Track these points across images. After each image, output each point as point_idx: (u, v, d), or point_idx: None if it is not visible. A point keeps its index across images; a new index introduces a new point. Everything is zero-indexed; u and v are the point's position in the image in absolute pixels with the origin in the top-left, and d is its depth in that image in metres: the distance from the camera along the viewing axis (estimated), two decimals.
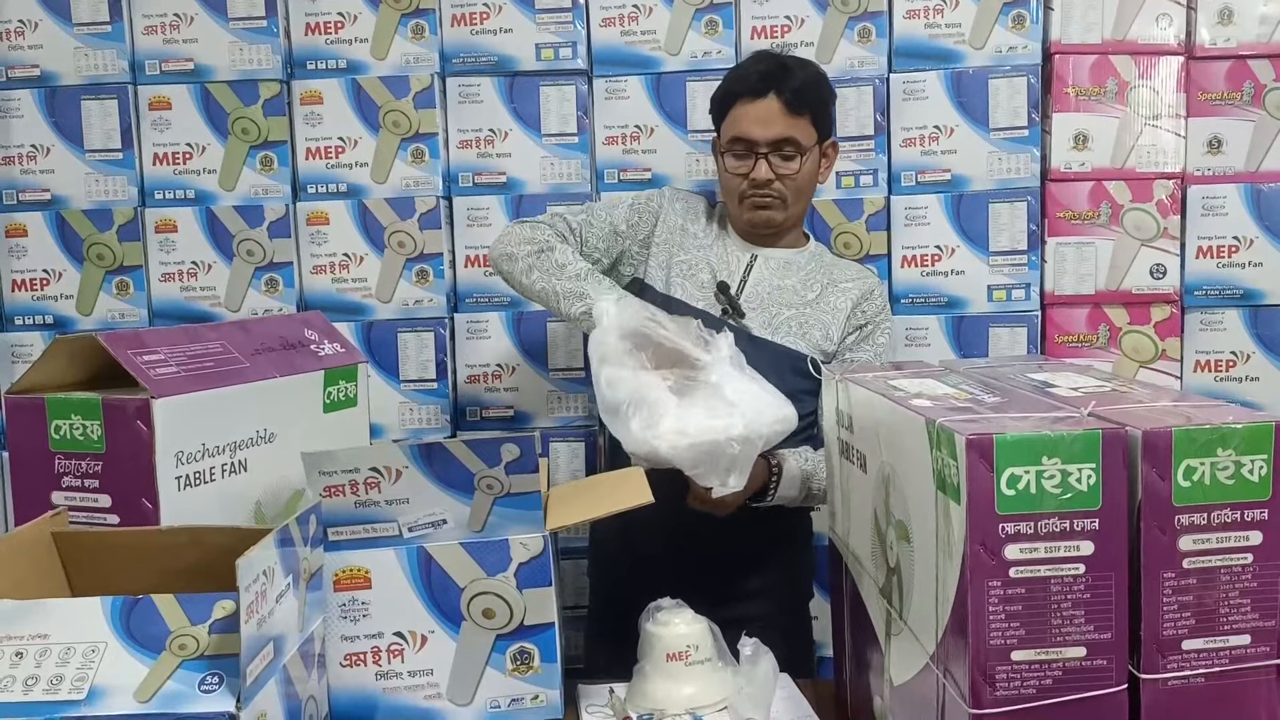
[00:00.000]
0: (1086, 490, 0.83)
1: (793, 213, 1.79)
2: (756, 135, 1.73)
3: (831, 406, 1.33)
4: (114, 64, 2.22)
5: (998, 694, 0.85)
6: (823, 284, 1.81)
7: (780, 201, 1.76)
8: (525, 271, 1.70)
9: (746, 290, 1.78)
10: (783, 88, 1.72)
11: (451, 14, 2.21)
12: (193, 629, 0.88)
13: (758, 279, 1.79)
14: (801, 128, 1.74)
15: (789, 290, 1.79)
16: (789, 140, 1.73)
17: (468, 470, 1.20)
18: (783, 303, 1.78)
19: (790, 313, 1.77)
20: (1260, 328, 2.18)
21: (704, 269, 1.79)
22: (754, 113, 1.73)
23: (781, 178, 1.74)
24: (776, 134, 1.72)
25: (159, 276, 2.24)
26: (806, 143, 1.74)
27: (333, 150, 2.22)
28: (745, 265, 1.80)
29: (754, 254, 1.81)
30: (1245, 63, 2.16)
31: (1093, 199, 2.17)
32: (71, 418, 1.19)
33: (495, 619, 1.21)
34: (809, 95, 1.74)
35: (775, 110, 1.72)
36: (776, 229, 1.81)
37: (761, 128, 1.72)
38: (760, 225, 1.79)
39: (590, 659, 1.88)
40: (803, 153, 1.74)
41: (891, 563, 1.07)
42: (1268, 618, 0.86)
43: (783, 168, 1.74)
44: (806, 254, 1.85)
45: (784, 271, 1.80)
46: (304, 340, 1.48)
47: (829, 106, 1.82)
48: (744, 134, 1.74)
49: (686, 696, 1.28)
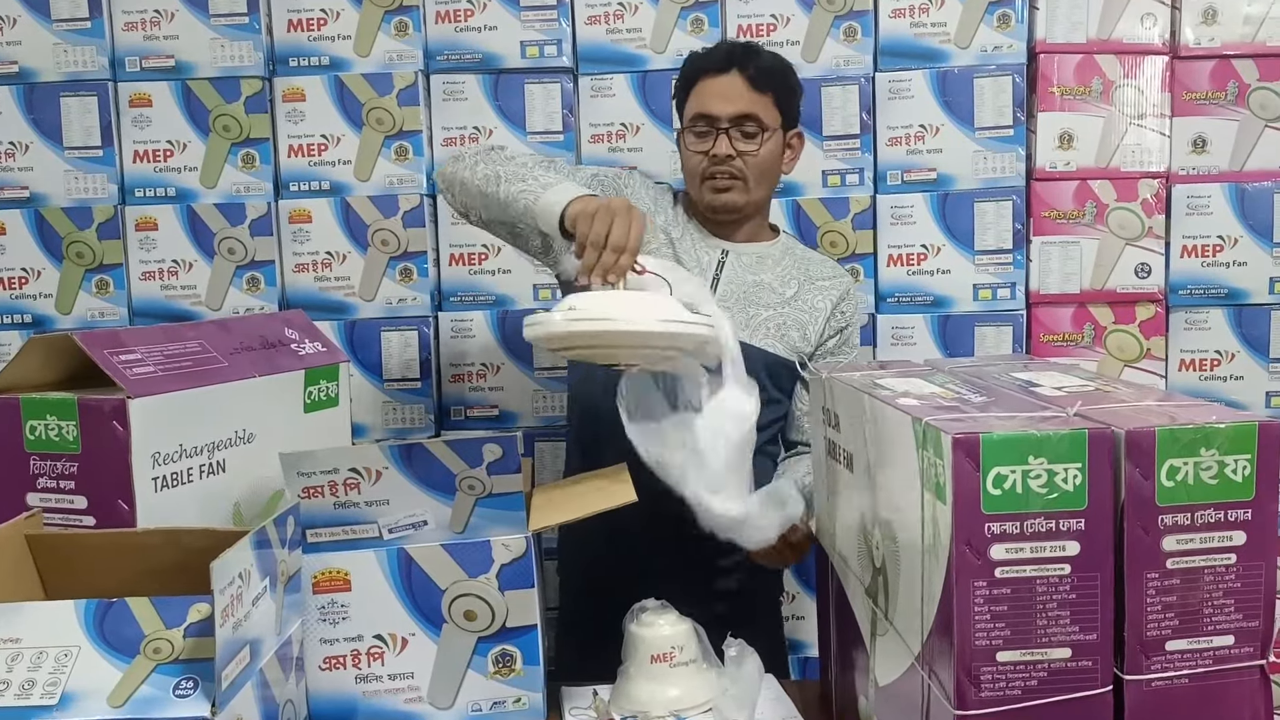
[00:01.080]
0: (1072, 490, 0.82)
1: (754, 198, 1.73)
2: (718, 110, 1.68)
3: (818, 405, 1.32)
4: (94, 60, 2.20)
5: (983, 695, 0.84)
6: (799, 281, 1.76)
7: (741, 182, 1.70)
8: (471, 166, 1.63)
9: (720, 288, 1.72)
10: (747, 64, 1.69)
11: (436, 11, 2.20)
12: (167, 632, 0.87)
13: (731, 276, 1.73)
14: (764, 106, 1.69)
15: (765, 287, 1.74)
16: (751, 116, 1.68)
17: (449, 471, 1.19)
18: (760, 302, 1.73)
19: (768, 313, 1.72)
20: (1244, 327, 2.18)
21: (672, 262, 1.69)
22: (716, 88, 1.69)
23: (742, 154, 1.68)
24: (739, 109, 1.68)
25: (139, 275, 2.22)
26: (769, 122, 1.69)
27: (315, 148, 2.21)
28: (717, 262, 1.74)
29: (725, 249, 1.75)
30: (1229, 62, 2.16)
31: (1078, 198, 2.18)
32: (47, 418, 1.18)
33: (477, 621, 1.20)
34: (775, 77, 1.71)
35: (738, 85, 1.68)
36: (738, 214, 1.74)
37: (723, 102, 1.68)
38: (721, 210, 1.73)
39: (560, 659, 1.86)
40: (765, 130, 1.69)
41: (877, 562, 1.06)
42: (1251, 618, 0.86)
43: (744, 145, 1.68)
44: (779, 247, 1.80)
45: (758, 267, 1.75)
46: (285, 339, 1.46)
47: (795, 95, 1.77)
48: (705, 110, 1.69)
49: (671, 698, 1.27)
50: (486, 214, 1.64)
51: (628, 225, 1.40)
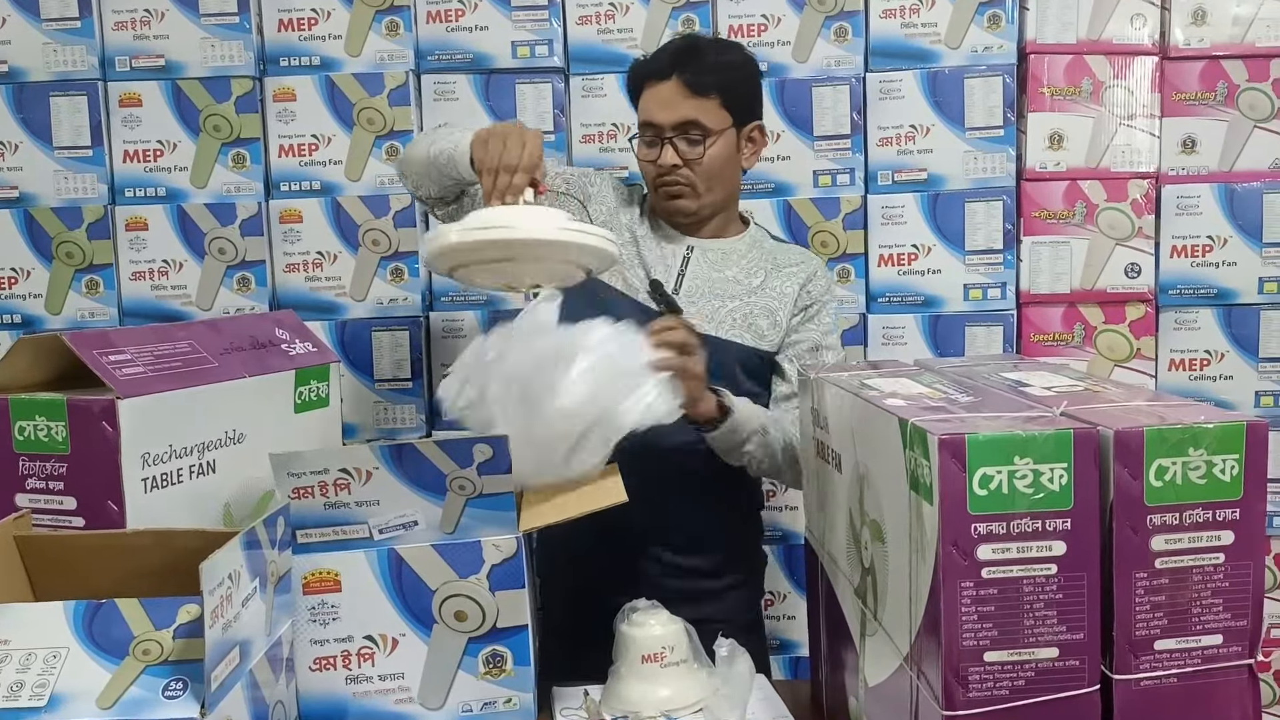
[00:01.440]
0: (1058, 490, 0.83)
1: (708, 200, 1.70)
2: (660, 119, 1.66)
3: (807, 406, 1.32)
4: (84, 60, 2.19)
5: (970, 695, 0.84)
6: (766, 270, 1.73)
7: (690, 189, 1.68)
8: (414, 143, 1.64)
9: (685, 284, 1.70)
10: (686, 68, 1.65)
11: (427, 11, 2.20)
12: (157, 634, 0.87)
13: (695, 272, 1.71)
14: (707, 110, 1.65)
15: (730, 281, 1.71)
16: (693, 123, 1.64)
17: (439, 471, 1.19)
18: (725, 295, 1.69)
19: (733, 305, 1.69)
20: (1234, 327, 2.19)
21: (638, 264, 1.71)
22: (658, 95, 1.66)
23: (688, 163, 1.66)
24: (679, 117, 1.64)
25: (129, 275, 2.22)
26: (714, 125, 1.66)
27: (306, 148, 2.21)
28: (682, 259, 1.72)
29: (690, 245, 1.73)
30: (1219, 63, 2.17)
31: (1068, 198, 2.18)
32: (36, 419, 1.17)
33: (467, 621, 1.20)
34: (719, 76, 1.66)
35: (679, 92, 1.64)
36: (694, 217, 1.72)
37: (664, 111, 1.65)
38: (675, 214, 1.72)
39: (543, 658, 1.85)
40: (709, 135, 1.65)
41: (866, 563, 1.07)
42: (1239, 618, 0.86)
43: (688, 152, 1.65)
44: (746, 240, 1.77)
45: (723, 262, 1.73)
46: (275, 339, 1.46)
47: (747, 89, 1.72)
48: (649, 118, 1.67)
49: (662, 698, 1.27)
50: (427, 182, 1.65)
51: (521, 144, 1.42)
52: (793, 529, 2.22)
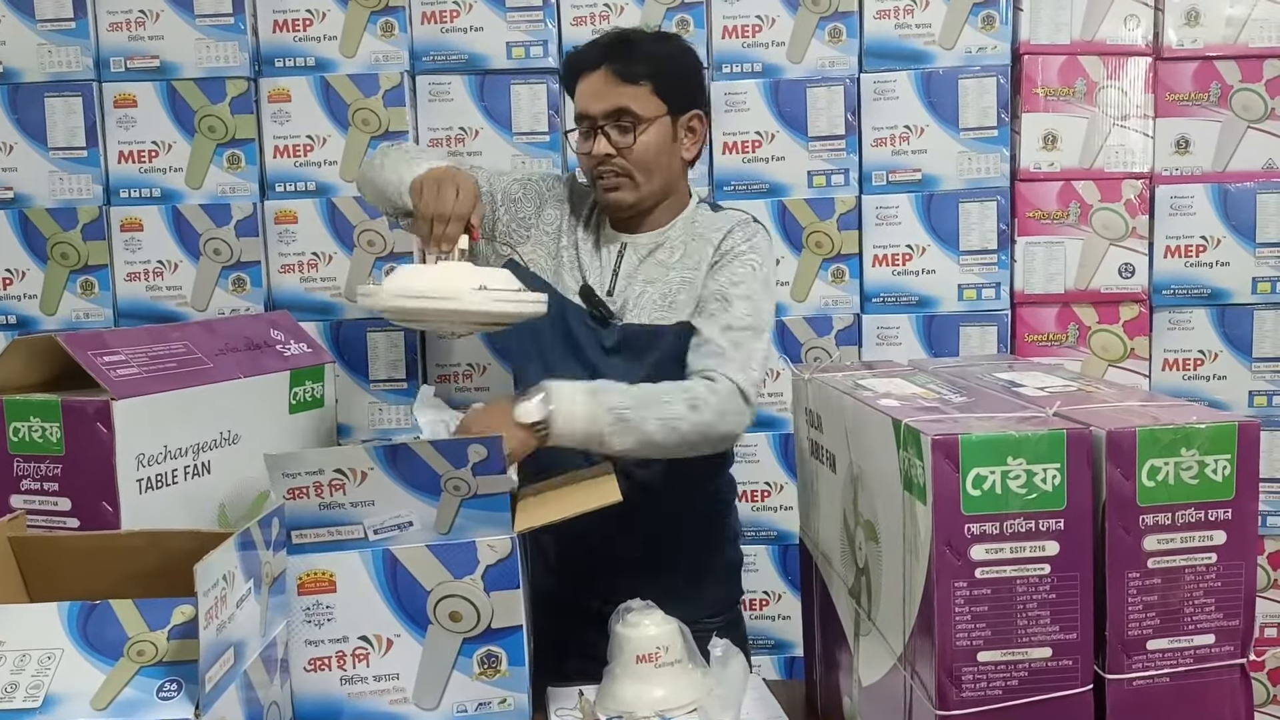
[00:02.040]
0: (1051, 490, 0.83)
1: (645, 191, 1.67)
2: (591, 109, 1.65)
3: (800, 406, 1.33)
4: (78, 61, 2.19)
5: (964, 695, 0.84)
6: (686, 242, 1.69)
7: (628, 179, 1.65)
8: (369, 162, 1.67)
9: (619, 283, 1.69)
10: (616, 58, 1.64)
11: (421, 12, 2.20)
12: (151, 635, 0.87)
13: (628, 270, 1.69)
14: (638, 97, 1.63)
15: (654, 265, 1.69)
16: (623, 110, 1.63)
17: (434, 472, 1.19)
18: (647, 281, 1.68)
19: (652, 289, 1.67)
20: (1227, 327, 2.20)
21: (575, 269, 1.71)
22: (589, 86, 1.66)
23: (621, 151, 1.64)
24: (609, 105, 1.63)
25: (124, 276, 2.21)
26: (645, 113, 1.63)
27: (301, 148, 2.20)
28: (615, 257, 1.71)
29: (623, 243, 1.71)
30: (1212, 63, 2.17)
31: (1061, 199, 2.19)
32: (30, 419, 1.17)
33: (462, 622, 1.20)
34: (651, 64, 1.65)
35: (608, 81, 1.63)
36: (633, 209, 1.69)
37: (594, 101, 1.64)
38: (614, 208, 1.70)
39: None
40: (640, 122, 1.63)
41: (860, 563, 1.07)
42: (1231, 617, 0.86)
43: (620, 141, 1.64)
44: (680, 222, 1.72)
45: (655, 252, 1.70)
46: (270, 340, 1.46)
47: (684, 77, 1.70)
48: (581, 109, 1.67)
49: (657, 698, 1.27)
50: (382, 202, 1.68)
51: (454, 191, 1.48)
52: (787, 529, 2.23)
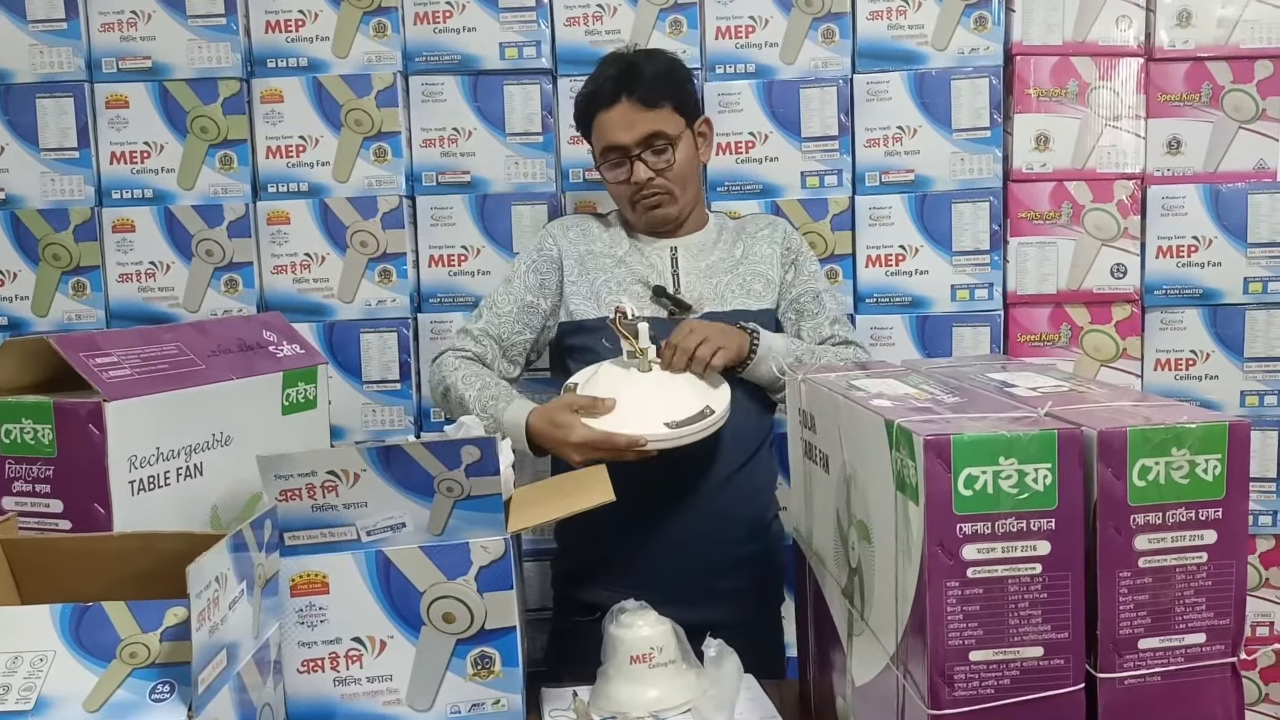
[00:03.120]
0: (1043, 490, 0.83)
1: (685, 201, 1.81)
2: (624, 140, 1.74)
3: (794, 407, 1.33)
4: (70, 61, 2.19)
5: (956, 694, 0.85)
6: (743, 242, 1.87)
7: (669, 196, 1.78)
8: (469, 397, 1.75)
9: (682, 281, 1.81)
10: (634, 88, 1.74)
11: (414, 12, 2.20)
12: (144, 637, 0.87)
13: (688, 267, 1.82)
14: (665, 119, 1.75)
15: (717, 263, 1.84)
16: (656, 135, 1.74)
17: (427, 473, 1.19)
18: (716, 273, 1.82)
19: (726, 279, 1.82)
20: (1219, 327, 2.20)
21: (631, 280, 1.80)
22: (614, 119, 1.75)
23: (661, 172, 1.76)
24: (641, 133, 1.74)
25: (116, 277, 2.21)
26: (674, 132, 1.76)
27: (293, 149, 2.20)
28: (670, 260, 1.82)
29: (672, 246, 1.84)
30: (1203, 64, 2.18)
31: (1054, 199, 2.19)
32: (22, 421, 1.17)
33: (455, 623, 1.20)
34: (663, 86, 1.76)
35: (633, 111, 1.74)
36: (677, 220, 1.83)
37: (626, 131, 1.74)
38: (660, 223, 1.82)
39: (553, 659, 1.87)
40: (674, 143, 1.76)
41: (853, 563, 1.07)
42: (1222, 616, 0.87)
43: (658, 163, 1.75)
44: (714, 227, 1.89)
45: (704, 251, 1.85)
46: (262, 341, 1.46)
47: (688, 88, 1.83)
48: (612, 142, 1.76)
49: (650, 699, 1.27)
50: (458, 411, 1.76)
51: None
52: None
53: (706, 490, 1.73)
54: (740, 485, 1.77)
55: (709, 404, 1.60)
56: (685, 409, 1.59)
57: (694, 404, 1.59)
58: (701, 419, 1.58)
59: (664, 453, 1.57)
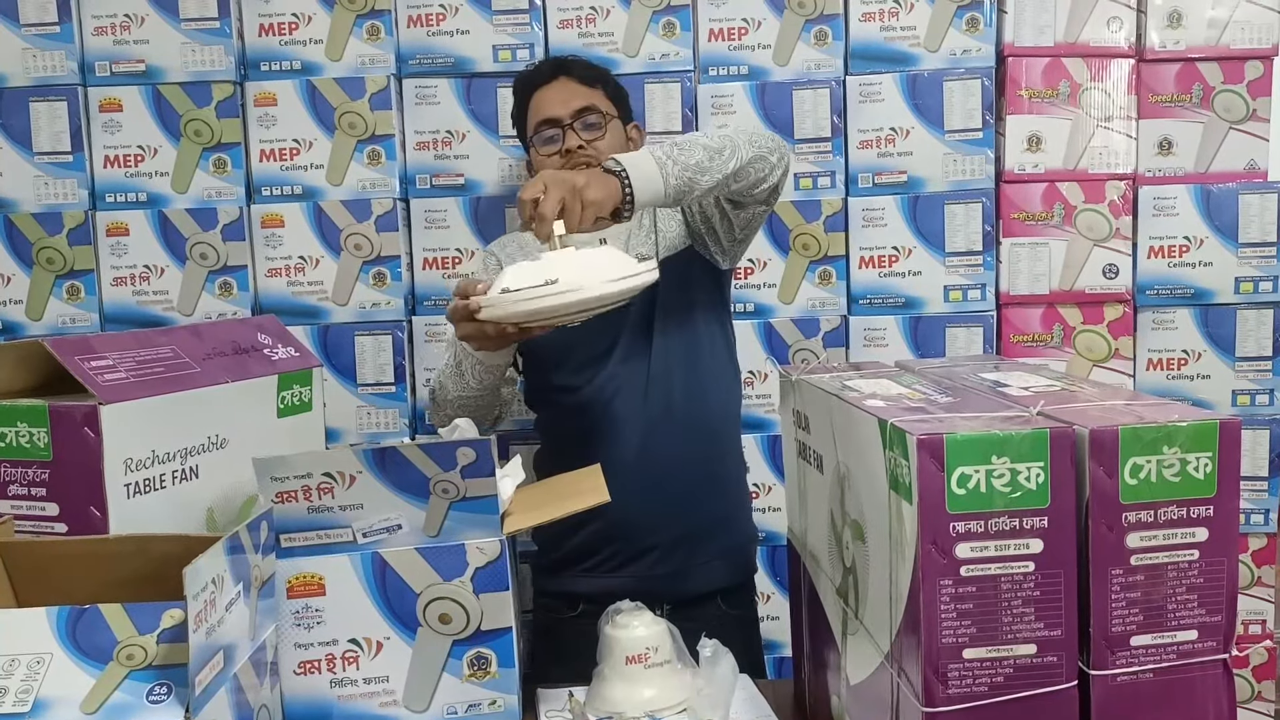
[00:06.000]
0: (1035, 489, 0.84)
1: None
2: (558, 111, 1.78)
3: (788, 407, 1.33)
4: (63, 65, 2.19)
5: (950, 692, 0.85)
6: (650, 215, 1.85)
7: None
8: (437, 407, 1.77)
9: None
10: (569, 69, 1.83)
11: (408, 15, 2.20)
12: (141, 639, 0.87)
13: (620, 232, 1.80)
14: (598, 98, 1.81)
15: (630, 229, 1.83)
16: (590, 109, 1.78)
17: (422, 474, 1.19)
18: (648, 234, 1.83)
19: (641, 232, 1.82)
20: (1211, 326, 2.21)
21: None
22: (550, 94, 1.80)
23: (591, 143, 1.77)
24: (577, 105, 1.78)
25: (110, 280, 2.21)
26: (606, 110, 1.80)
27: (287, 152, 2.20)
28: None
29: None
30: (1194, 65, 2.19)
31: (1046, 200, 2.20)
32: (17, 425, 1.17)
33: (452, 624, 1.20)
34: (598, 73, 1.85)
35: (570, 85, 1.80)
36: None
37: (560, 106, 1.78)
38: None
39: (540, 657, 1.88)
40: (605, 121, 1.79)
41: (847, 562, 1.08)
42: (1214, 613, 0.87)
43: (589, 135, 1.77)
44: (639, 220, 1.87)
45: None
46: (257, 344, 1.46)
47: (622, 92, 1.88)
48: (547, 114, 1.79)
49: (646, 699, 1.27)
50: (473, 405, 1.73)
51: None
52: (775, 529, 2.23)
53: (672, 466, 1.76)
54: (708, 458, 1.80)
55: (557, 275, 1.38)
56: (528, 279, 1.40)
57: (543, 273, 1.39)
58: (542, 287, 1.38)
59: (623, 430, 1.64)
